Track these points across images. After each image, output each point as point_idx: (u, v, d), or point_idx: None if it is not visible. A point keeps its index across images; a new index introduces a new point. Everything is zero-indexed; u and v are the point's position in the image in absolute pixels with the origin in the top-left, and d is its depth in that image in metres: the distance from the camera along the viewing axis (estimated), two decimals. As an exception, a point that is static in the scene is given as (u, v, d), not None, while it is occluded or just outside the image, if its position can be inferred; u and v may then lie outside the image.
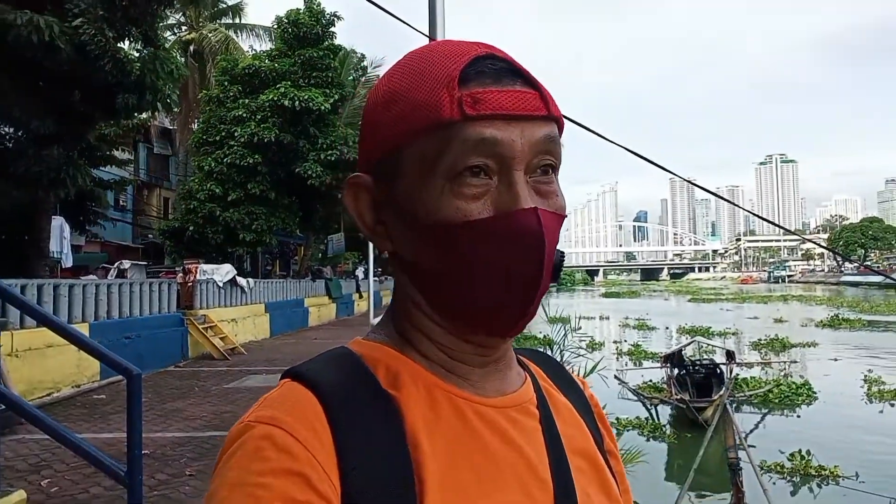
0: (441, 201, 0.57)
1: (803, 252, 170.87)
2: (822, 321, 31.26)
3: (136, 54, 11.87)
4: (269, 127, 20.15)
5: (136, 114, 13.78)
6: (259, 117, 20.34)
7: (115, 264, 17.80)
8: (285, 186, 21.84)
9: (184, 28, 29.26)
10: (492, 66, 0.59)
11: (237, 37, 29.18)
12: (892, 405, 13.70)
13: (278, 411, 0.55)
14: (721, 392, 14.79)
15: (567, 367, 0.81)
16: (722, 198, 2.13)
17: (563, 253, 0.61)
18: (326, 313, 26.51)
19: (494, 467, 0.59)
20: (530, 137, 0.58)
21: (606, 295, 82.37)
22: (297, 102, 19.78)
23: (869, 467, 9.60)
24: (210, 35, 27.67)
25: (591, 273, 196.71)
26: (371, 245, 15.81)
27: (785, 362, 18.81)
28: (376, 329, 0.68)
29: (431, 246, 0.60)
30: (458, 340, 0.63)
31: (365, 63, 28.88)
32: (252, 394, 10.25)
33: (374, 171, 0.63)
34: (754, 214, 2.18)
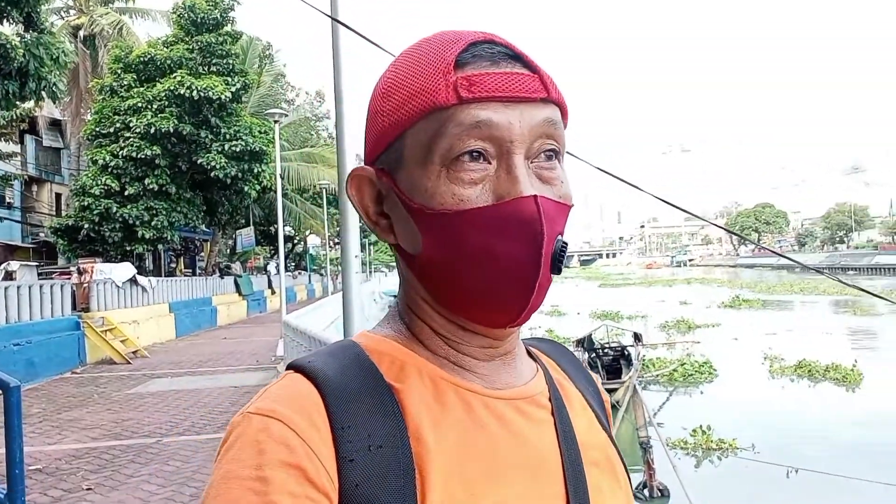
0: (438, 187, 0.57)
1: (702, 237, 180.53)
2: (724, 302, 33.10)
3: (18, 39, 11.01)
4: (167, 117, 19.16)
5: (18, 103, 12.79)
6: (156, 107, 19.32)
7: (2, 265, 16.66)
8: (187, 179, 20.91)
9: (72, 11, 27.45)
10: (489, 50, 0.58)
11: (132, 21, 27.60)
12: (792, 380, 14.65)
13: (278, 403, 0.55)
14: (630, 373, 15.50)
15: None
16: (635, 186, 2.13)
17: (566, 243, 0.59)
18: (237, 311, 25.74)
19: (502, 460, 0.58)
20: (530, 120, 0.57)
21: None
22: (195, 91, 18.91)
23: (765, 438, 10.22)
24: (101, 19, 26.05)
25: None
26: (282, 239, 15.42)
27: (688, 342, 19.79)
28: (382, 322, 0.68)
29: (430, 235, 0.59)
30: (464, 333, 0.63)
31: (270, 51, 28.04)
32: (157, 399, 9.77)
33: (377, 162, 0.63)
34: (666, 202, 2.19)
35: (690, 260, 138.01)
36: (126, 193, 19.43)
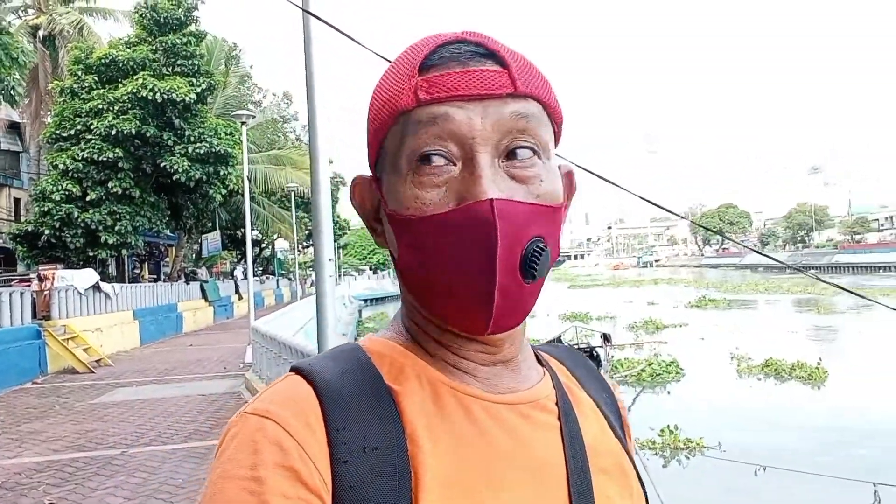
0: (405, 191, 0.57)
1: (668, 238, 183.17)
2: (690, 302, 33.56)
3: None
4: (130, 119, 18.68)
5: (-27, 105, 12.39)
6: (118, 109, 18.84)
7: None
8: (151, 183, 20.46)
9: (30, 11, 26.71)
10: (455, 50, 0.57)
11: (93, 21, 26.96)
12: (759, 379, 14.89)
13: (274, 404, 0.55)
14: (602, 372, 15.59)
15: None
16: (614, 184, 2.11)
17: (541, 246, 0.56)
18: (203, 317, 25.29)
19: (503, 465, 0.58)
20: (495, 117, 0.55)
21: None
22: (158, 93, 18.51)
23: (733, 437, 10.35)
24: (61, 19, 25.38)
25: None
26: (250, 244, 15.22)
27: (656, 343, 20.02)
28: (388, 326, 0.68)
29: (402, 241, 0.59)
30: (459, 338, 0.62)
31: (236, 52, 27.65)
32: (122, 408, 9.52)
33: (374, 169, 0.64)
34: (653, 203, 2.17)
35: (657, 260, 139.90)
36: (88, 198, 18.91)
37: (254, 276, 15.92)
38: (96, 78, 19.78)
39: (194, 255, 31.37)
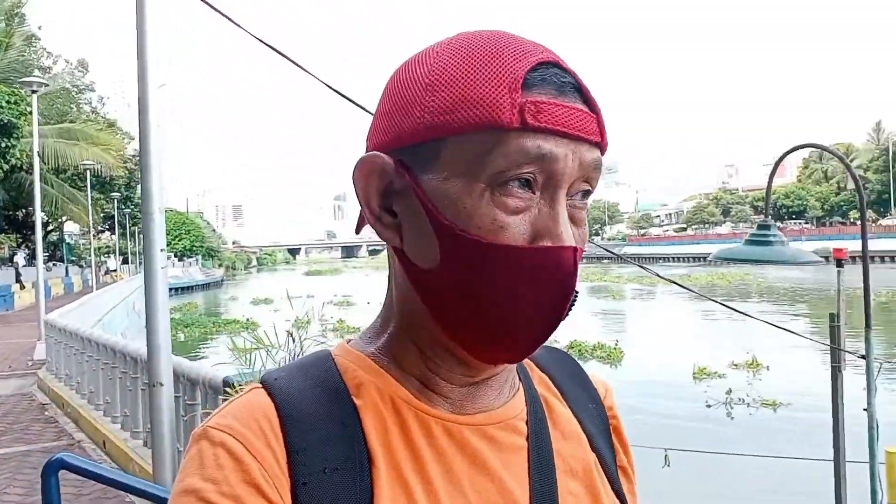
0: (479, 208, 0.53)
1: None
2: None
3: None
4: None
5: None
6: None
7: None
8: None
9: None
10: (558, 76, 0.55)
11: None
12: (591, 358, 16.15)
13: (236, 420, 0.55)
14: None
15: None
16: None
17: (577, 291, 0.57)
18: (-25, 309, 22.07)
19: (457, 491, 0.56)
20: (581, 160, 0.55)
21: (310, 273, 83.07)
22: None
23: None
24: None
25: (293, 252, 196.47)
26: (40, 227, 13.55)
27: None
28: (364, 334, 0.65)
29: (454, 256, 0.55)
30: (450, 357, 0.59)
31: (19, 9, 24.30)
32: None
33: (401, 154, 0.57)
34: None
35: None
36: None
37: (42, 263, 14.13)
38: None
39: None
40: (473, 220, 0.53)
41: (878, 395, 2.87)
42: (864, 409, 2.78)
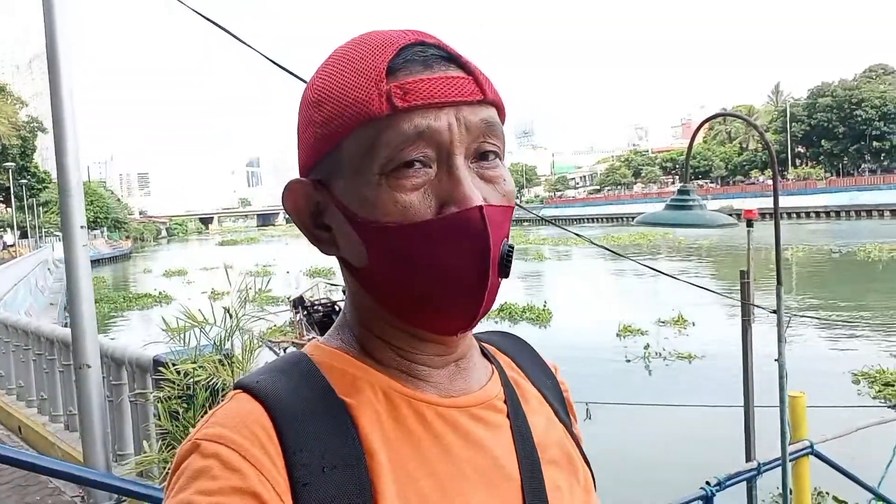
0: (379, 196, 0.56)
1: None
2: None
3: None
4: None
5: None
6: None
7: None
8: None
9: None
10: (421, 53, 0.57)
11: None
12: (497, 322, 16.45)
13: (226, 428, 0.54)
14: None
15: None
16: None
17: (511, 246, 0.59)
18: None
19: (458, 471, 0.58)
20: (467, 122, 0.56)
21: (224, 243, 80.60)
22: None
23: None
24: None
25: (205, 221, 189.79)
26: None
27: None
28: (333, 333, 0.65)
29: (376, 248, 0.58)
30: (416, 341, 0.62)
31: None
32: None
33: (312, 173, 0.61)
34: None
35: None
36: None
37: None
38: None
39: None
40: (379, 209, 0.56)
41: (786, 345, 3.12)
42: (776, 360, 3.01)
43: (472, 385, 0.64)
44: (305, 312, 16.51)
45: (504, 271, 0.58)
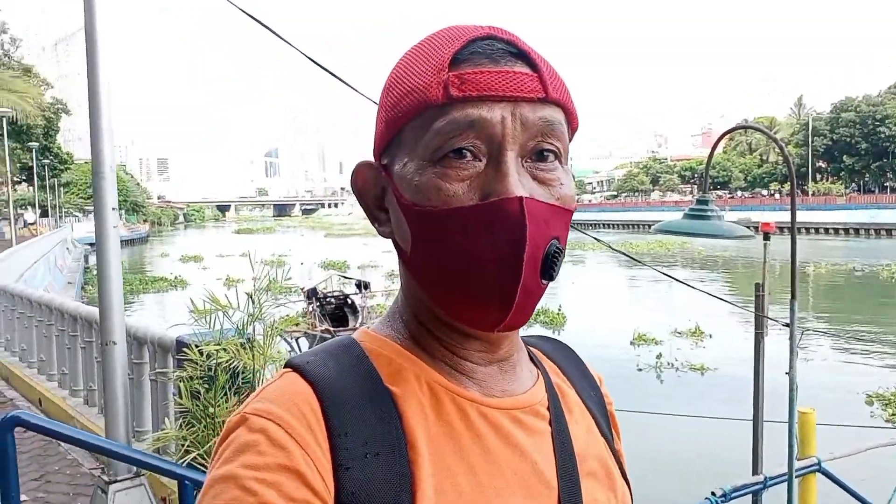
0: (425, 182, 0.56)
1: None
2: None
3: None
4: None
5: None
6: None
7: None
8: None
9: None
10: (488, 46, 0.57)
11: None
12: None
13: (275, 405, 0.55)
14: (358, 321, 16.31)
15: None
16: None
17: (560, 248, 0.58)
18: None
19: (497, 471, 0.58)
20: (524, 119, 0.56)
21: (240, 231, 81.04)
22: None
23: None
24: None
25: (222, 209, 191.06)
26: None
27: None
28: (384, 321, 0.66)
29: (418, 232, 0.58)
30: (460, 336, 0.62)
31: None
32: None
33: (381, 156, 0.63)
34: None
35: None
36: None
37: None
38: None
39: None
40: (423, 194, 0.56)
41: (799, 361, 3.14)
42: (786, 373, 3.04)
43: (515, 387, 0.64)
44: (318, 304, 16.69)
45: (546, 273, 0.57)
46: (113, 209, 3.28)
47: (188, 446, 3.25)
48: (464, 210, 0.55)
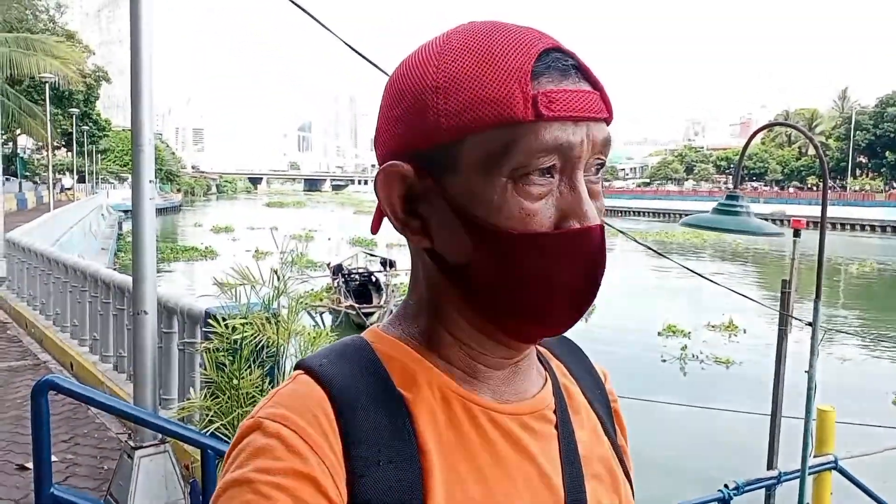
0: (505, 200, 0.55)
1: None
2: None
3: None
4: None
5: None
6: None
7: None
8: None
9: None
10: (562, 61, 0.57)
11: None
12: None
13: (290, 410, 0.55)
14: (383, 298, 16.44)
15: None
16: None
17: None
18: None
19: (507, 478, 0.59)
20: (594, 139, 0.57)
21: (271, 204, 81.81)
22: None
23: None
24: None
25: (254, 181, 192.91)
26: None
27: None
28: (394, 322, 0.65)
29: (486, 249, 0.57)
30: (489, 342, 0.62)
31: None
32: None
33: (418, 160, 0.59)
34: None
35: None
36: None
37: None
38: None
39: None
40: (502, 213, 0.55)
41: (823, 359, 3.13)
42: (806, 371, 3.03)
43: (525, 390, 0.65)
44: (343, 280, 16.90)
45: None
46: (150, 182, 3.37)
47: (212, 416, 3.36)
48: (545, 237, 0.55)
